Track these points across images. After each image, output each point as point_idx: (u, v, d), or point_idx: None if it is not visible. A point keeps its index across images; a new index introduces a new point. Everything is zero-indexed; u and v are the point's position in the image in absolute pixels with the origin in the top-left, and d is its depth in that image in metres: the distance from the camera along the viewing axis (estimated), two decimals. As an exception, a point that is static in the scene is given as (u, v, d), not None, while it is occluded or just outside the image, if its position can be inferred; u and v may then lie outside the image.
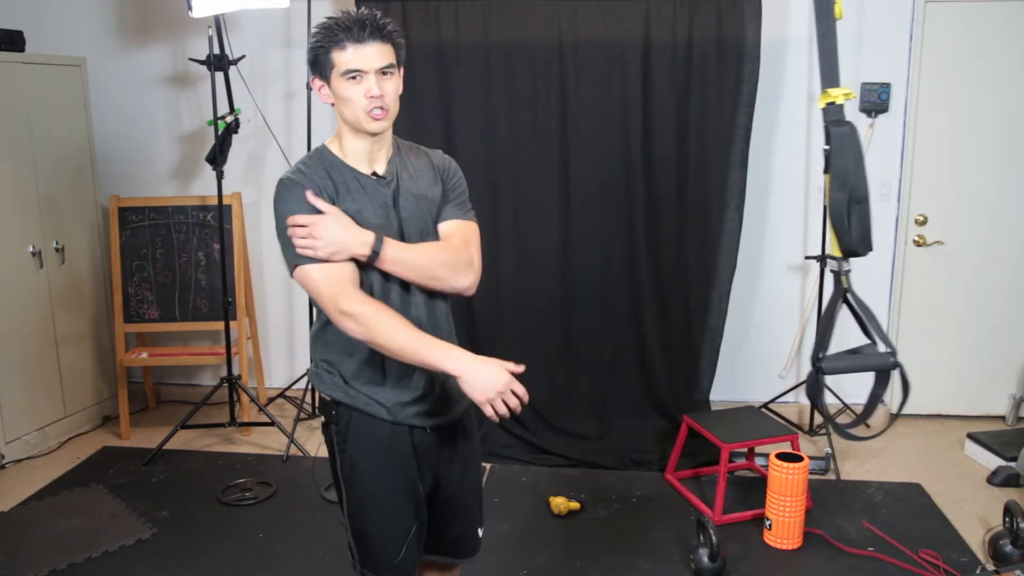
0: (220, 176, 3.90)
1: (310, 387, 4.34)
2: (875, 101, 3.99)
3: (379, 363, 1.85)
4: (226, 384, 4.05)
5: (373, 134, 1.80)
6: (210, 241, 4.23)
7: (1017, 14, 3.91)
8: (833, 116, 2.39)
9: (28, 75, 3.91)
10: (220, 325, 4.08)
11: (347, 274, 1.75)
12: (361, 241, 1.73)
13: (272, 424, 4.06)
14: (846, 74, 3.93)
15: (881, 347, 2.41)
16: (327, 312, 1.75)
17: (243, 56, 3.92)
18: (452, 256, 1.83)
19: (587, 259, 4.03)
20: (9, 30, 3.91)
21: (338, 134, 1.86)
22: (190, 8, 3.55)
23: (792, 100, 4.07)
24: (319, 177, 1.80)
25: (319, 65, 1.79)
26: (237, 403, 4.10)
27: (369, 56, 1.73)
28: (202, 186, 4.41)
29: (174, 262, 4.25)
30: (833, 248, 2.57)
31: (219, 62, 3.80)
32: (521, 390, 1.68)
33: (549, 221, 4.01)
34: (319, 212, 1.76)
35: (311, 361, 1.97)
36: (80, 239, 4.24)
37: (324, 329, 1.88)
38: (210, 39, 3.76)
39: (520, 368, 1.70)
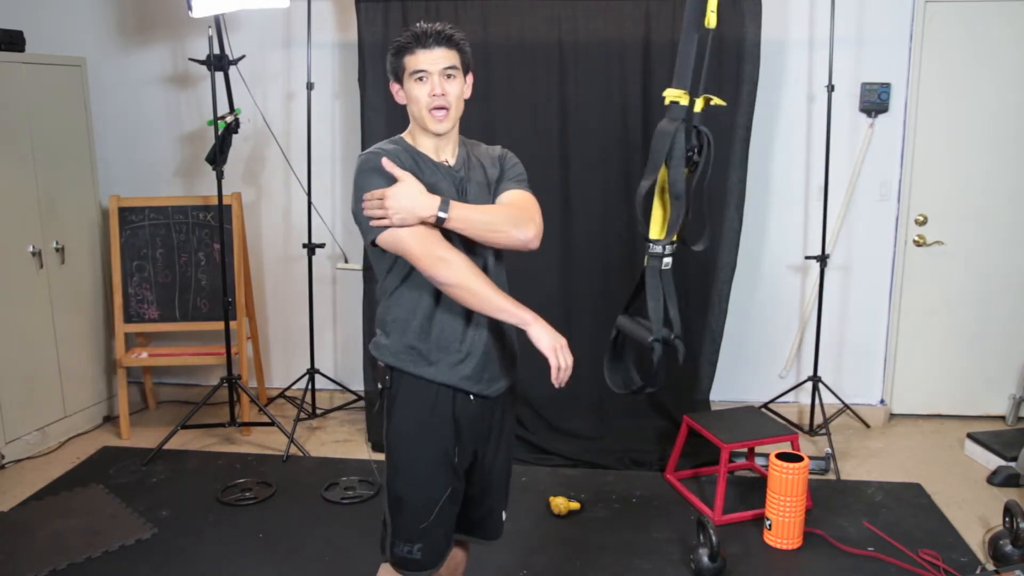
0: (220, 176, 3.90)
1: (310, 387, 4.35)
2: (875, 101, 3.99)
3: (436, 323, 1.97)
4: (226, 384, 4.05)
5: (437, 134, 1.95)
6: (210, 241, 4.23)
7: (1017, 14, 3.91)
8: (670, 114, 2.52)
9: (28, 75, 3.91)
10: (220, 325, 4.08)
11: (434, 230, 1.88)
12: (428, 205, 1.84)
13: (272, 424, 4.06)
14: (847, 74, 3.97)
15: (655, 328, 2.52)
16: (420, 260, 1.85)
17: (243, 56, 3.91)
18: (516, 213, 1.97)
19: (586, 259, 4.03)
20: (9, 30, 3.90)
21: (410, 132, 2.02)
22: (190, 8, 3.55)
23: (792, 100, 4.07)
24: (400, 154, 1.93)
25: (395, 71, 1.97)
26: (237, 403, 4.10)
27: (434, 58, 1.91)
28: (202, 186, 4.41)
29: (174, 262, 4.25)
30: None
31: (219, 62, 3.79)
32: (571, 358, 1.90)
33: (549, 220, 3.93)
34: (393, 183, 1.86)
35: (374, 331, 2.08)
36: (80, 239, 4.24)
37: (388, 293, 2.01)
38: (210, 39, 3.76)
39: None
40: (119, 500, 3.50)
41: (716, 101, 2.55)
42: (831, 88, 3.79)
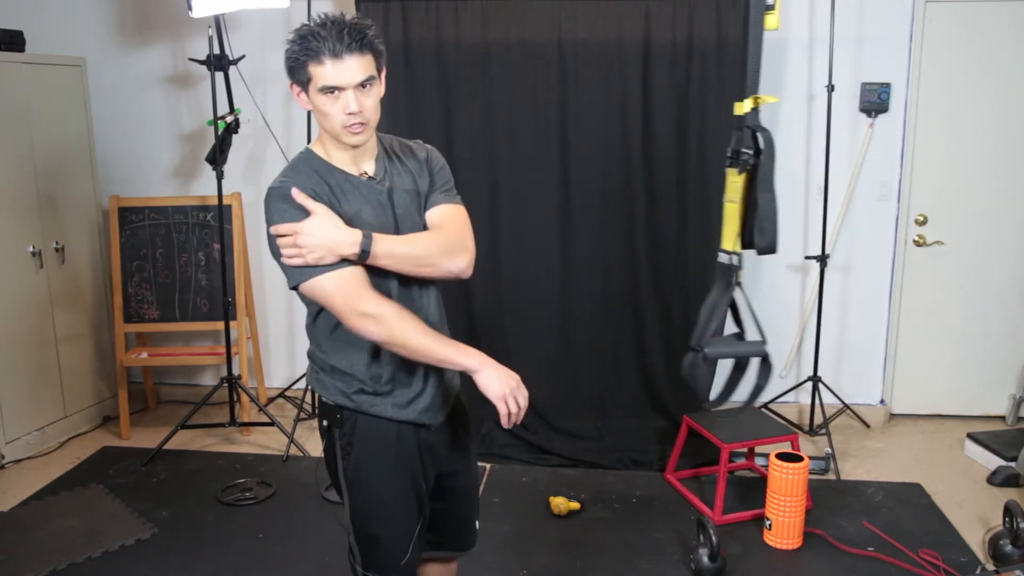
0: (220, 176, 3.90)
1: (310, 387, 4.34)
2: (875, 101, 3.99)
3: (383, 364, 1.84)
4: (226, 384, 4.05)
5: (354, 147, 1.77)
6: (210, 241, 4.23)
7: (1017, 14, 3.91)
8: (755, 121, 2.49)
9: (28, 75, 3.91)
10: (220, 325, 4.08)
11: (360, 276, 1.71)
12: (349, 241, 1.67)
13: (272, 424, 4.06)
14: (847, 74, 3.97)
15: (758, 337, 2.52)
16: (343, 318, 1.71)
17: (243, 56, 3.91)
18: (444, 241, 1.79)
19: (587, 259, 4.03)
20: (9, 30, 3.90)
21: (321, 138, 1.83)
22: (190, 8, 3.55)
23: (792, 100, 4.07)
24: (312, 182, 1.74)
25: (296, 74, 1.73)
26: (237, 403, 4.10)
27: (348, 71, 1.67)
28: (202, 186, 4.41)
29: (174, 262, 4.25)
30: (729, 243, 2.66)
31: (219, 62, 3.79)
32: (526, 394, 1.72)
33: (549, 221, 4.01)
34: (307, 214, 1.70)
35: (310, 364, 1.96)
36: (80, 239, 4.24)
37: (324, 335, 1.85)
38: (210, 39, 3.76)
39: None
40: (119, 500, 3.51)
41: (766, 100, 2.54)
42: (831, 88, 3.78)
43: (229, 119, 3.86)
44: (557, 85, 3.89)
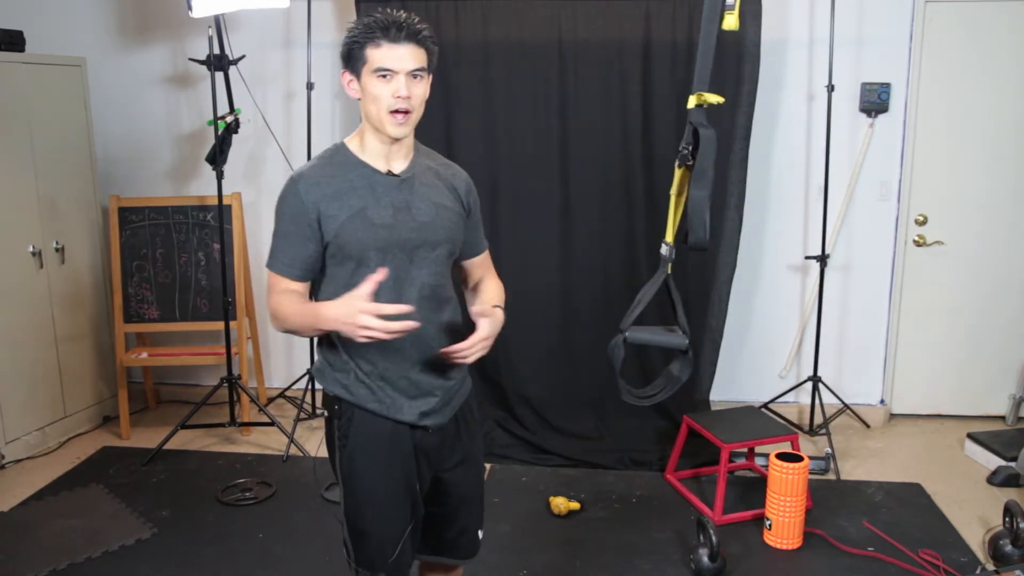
0: (220, 176, 3.90)
1: (310, 387, 4.34)
2: (875, 101, 3.99)
3: (382, 362, 1.86)
4: (226, 384, 4.05)
5: (393, 139, 1.83)
6: (210, 241, 4.23)
7: (1017, 14, 3.91)
8: (698, 118, 2.52)
9: (28, 75, 3.91)
10: (220, 325, 4.08)
11: (288, 286, 1.85)
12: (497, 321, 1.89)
13: (272, 424, 4.06)
14: (847, 74, 3.97)
15: (680, 332, 2.70)
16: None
17: (243, 56, 3.91)
18: (500, 287, 2.05)
19: (587, 258, 4.03)
20: (9, 30, 3.90)
21: (360, 131, 1.88)
22: (190, 8, 3.55)
23: (792, 100, 4.07)
24: (325, 175, 1.83)
25: (352, 59, 1.80)
26: (237, 403, 4.10)
27: (401, 57, 1.76)
28: (202, 186, 4.41)
29: (174, 262, 4.25)
30: (668, 235, 2.73)
31: (219, 62, 3.79)
32: (376, 322, 1.63)
33: (549, 220, 4.01)
34: (296, 223, 1.85)
35: (316, 357, 1.98)
36: (80, 239, 4.24)
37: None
38: (210, 39, 3.76)
39: (404, 308, 1.70)
40: (119, 500, 3.51)
41: (713, 99, 2.56)
42: (831, 88, 3.78)
43: (229, 119, 3.86)
44: (557, 85, 3.89)
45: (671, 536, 3.22)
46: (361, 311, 1.64)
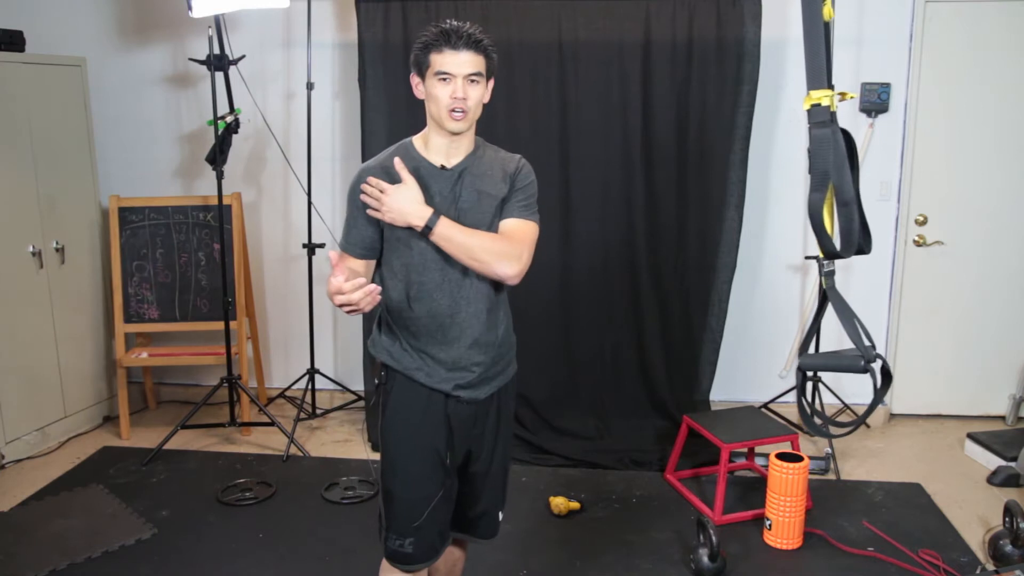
0: (220, 176, 3.90)
1: (310, 387, 4.35)
2: (875, 101, 3.99)
3: (424, 336, 2.02)
4: (226, 384, 4.05)
5: (452, 133, 1.98)
6: (210, 241, 4.23)
7: (1017, 14, 3.91)
8: (816, 118, 2.44)
9: (28, 75, 3.91)
10: (220, 325, 4.08)
11: (351, 264, 2.00)
12: (419, 215, 1.93)
13: (272, 424, 4.06)
14: (847, 74, 3.97)
15: (855, 349, 2.43)
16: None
17: (243, 56, 3.91)
18: (502, 246, 1.98)
19: (587, 259, 4.03)
20: (9, 30, 3.91)
21: (427, 130, 2.05)
22: (190, 8, 3.55)
23: (792, 100, 4.07)
24: (388, 164, 2.00)
25: (419, 64, 1.98)
26: (237, 403, 4.10)
27: (460, 62, 1.93)
28: (202, 186, 4.41)
29: (174, 262, 4.25)
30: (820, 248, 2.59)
31: (219, 62, 3.79)
32: (343, 298, 1.79)
33: (549, 221, 3.96)
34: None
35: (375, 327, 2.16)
36: (80, 239, 4.24)
37: (388, 296, 2.06)
38: (210, 39, 3.76)
39: (361, 283, 1.81)
40: (119, 500, 3.51)
41: (848, 96, 2.46)
42: (831, 88, 3.77)
43: (229, 119, 3.86)
44: (557, 85, 3.89)
45: (671, 536, 3.22)
46: (331, 293, 1.83)
